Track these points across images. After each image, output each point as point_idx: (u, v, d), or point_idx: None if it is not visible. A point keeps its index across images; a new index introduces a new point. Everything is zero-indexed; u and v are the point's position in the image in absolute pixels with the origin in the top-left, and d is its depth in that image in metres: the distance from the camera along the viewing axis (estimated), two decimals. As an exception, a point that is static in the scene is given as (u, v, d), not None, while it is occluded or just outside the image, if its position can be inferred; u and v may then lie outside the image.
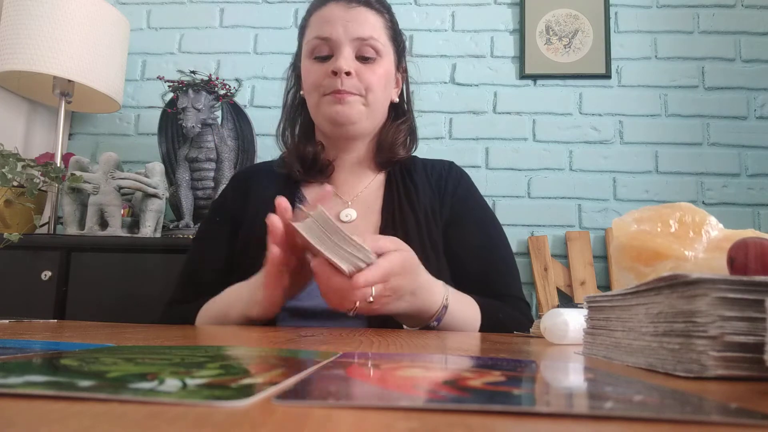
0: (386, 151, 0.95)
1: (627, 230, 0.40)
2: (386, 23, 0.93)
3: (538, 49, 1.88)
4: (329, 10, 0.89)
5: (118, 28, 1.67)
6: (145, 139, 1.91)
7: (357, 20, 0.88)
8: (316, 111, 0.91)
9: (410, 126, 0.99)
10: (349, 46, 0.87)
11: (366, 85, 0.88)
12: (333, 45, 0.88)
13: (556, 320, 0.49)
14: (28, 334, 0.44)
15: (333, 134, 0.93)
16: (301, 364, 0.26)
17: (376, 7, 0.92)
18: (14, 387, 0.17)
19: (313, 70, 0.89)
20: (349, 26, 0.87)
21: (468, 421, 0.15)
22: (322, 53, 0.89)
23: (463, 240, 0.90)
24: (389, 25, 0.94)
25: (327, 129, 0.92)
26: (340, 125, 0.89)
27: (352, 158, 0.96)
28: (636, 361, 0.30)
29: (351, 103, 0.88)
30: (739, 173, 1.79)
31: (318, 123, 0.94)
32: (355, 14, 0.88)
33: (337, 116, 0.88)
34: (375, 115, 0.92)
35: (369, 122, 0.92)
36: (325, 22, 0.88)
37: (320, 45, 0.88)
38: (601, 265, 1.75)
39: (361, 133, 0.93)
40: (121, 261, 1.37)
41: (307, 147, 0.94)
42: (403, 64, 1.00)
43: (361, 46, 0.88)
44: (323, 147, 0.95)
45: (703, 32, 1.86)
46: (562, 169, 1.83)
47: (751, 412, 0.17)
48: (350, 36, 0.87)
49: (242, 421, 0.14)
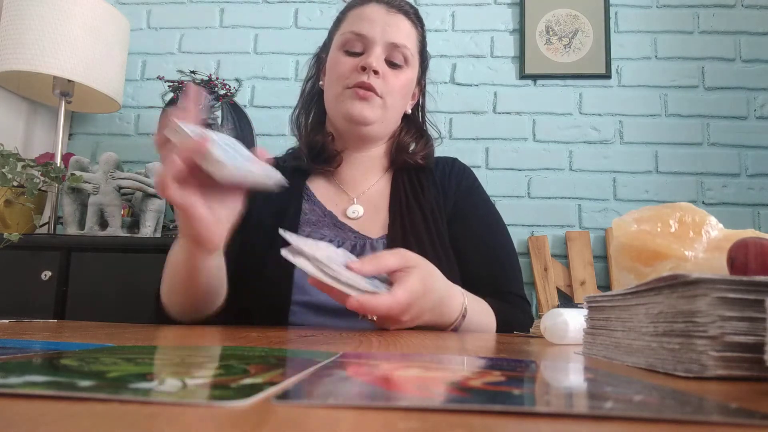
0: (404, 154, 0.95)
1: (627, 230, 0.40)
2: (419, 36, 0.95)
3: (538, 49, 1.88)
4: (370, 9, 0.90)
5: (118, 28, 1.67)
6: (145, 139, 1.91)
7: (395, 26, 0.90)
8: (334, 103, 0.91)
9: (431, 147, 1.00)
10: (381, 47, 0.88)
11: (389, 88, 0.89)
12: (367, 43, 0.89)
13: (556, 320, 0.49)
14: (28, 334, 0.44)
15: (345, 131, 0.93)
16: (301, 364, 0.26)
17: (413, 18, 0.94)
18: (14, 387, 0.17)
19: (341, 62, 0.90)
20: (387, 29, 0.89)
21: (468, 421, 0.15)
22: (354, 48, 0.89)
23: (465, 235, 0.90)
24: (420, 39, 0.96)
25: (340, 124, 0.92)
26: (354, 123, 0.89)
27: (362, 156, 0.96)
28: (636, 361, 0.30)
29: (371, 103, 0.88)
30: (739, 173, 1.79)
31: (332, 116, 0.93)
32: (395, 20, 0.90)
33: (354, 113, 0.88)
34: (389, 119, 0.93)
35: (382, 126, 0.92)
36: (364, 19, 0.90)
37: (354, 40, 0.89)
38: (601, 265, 1.75)
39: (373, 136, 0.93)
40: (121, 261, 1.37)
41: (317, 136, 0.95)
42: (423, 80, 1.01)
43: (392, 51, 0.89)
44: (333, 138, 0.95)
45: (703, 32, 1.86)
46: (562, 169, 1.83)
47: (751, 412, 0.17)
48: (386, 39, 0.88)
49: (242, 421, 0.14)
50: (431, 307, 0.65)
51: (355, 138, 0.93)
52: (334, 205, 0.92)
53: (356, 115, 0.88)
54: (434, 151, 1.01)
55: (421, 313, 0.64)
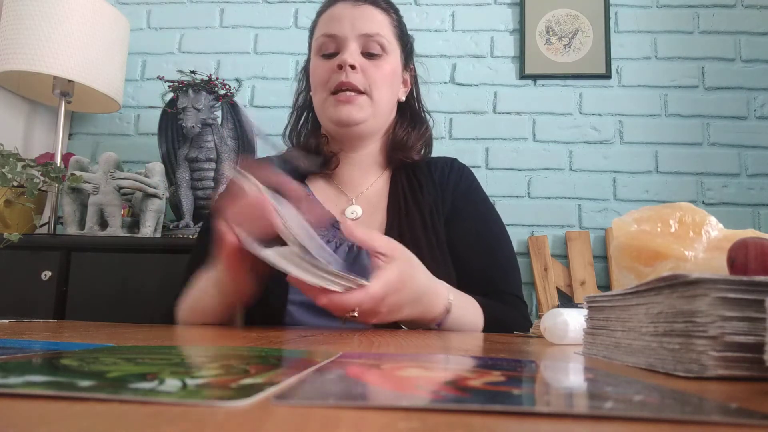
0: (399, 152, 0.95)
1: (627, 230, 0.40)
2: (392, 22, 0.94)
3: (538, 49, 1.88)
4: (338, 9, 0.91)
5: (118, 28, 1.67)
6: (145, 139, 1.91)
7: (363, 17, 0.89)
8: (322, 110, 0.91)
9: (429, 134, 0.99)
10: (355, 41, 0.88)
11: (371, 81, 0.88)
12: (339, 41, 0.89)
13: (556, 320, 0.49)
14: (28, 334, 0.44)
15: (337, 133, 0.93)
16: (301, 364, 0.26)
17: (382, 5, 0.93)
18: (14, 387, 0.17)
19: (319, 66, 0.90)
20: (355, 23, 0.88)
21: (468, 421, 0.15)
22: (328, 50, 0.90)
23: (463, 235, 0.89)
24: (395, 24, 0.94)
25: (331, 129, 0.92)
26: (344, 126, 0.90)
27: (359, 156, 0.96)
28: (636, 361, 0.30)
29: (356, 104, 0.88)
30: (739, 173, 1.79)
31: (323, 123, 0.94)
32: (361, 11, 0.90)
33: (341, 117, 0.88)
34: (380, 112, 0.92)
35: (375, 121, 0.92)
36: (333, 20, 0.90)
37: (327, 42, 0.89)
38: (601, 265, 1.75)
39: (368, 133, 0.93)
40: (121, 261, 1.37)
41: (311, 139, 0.95)
42: (411, 64, 1.00)
43: (367, 42, 0.89)
44: (327, 140, 0.95)
45: (703, 32, 1.86)
46: (562, 169, 1.83)
47: (751, 412, 0.17)
48: (356, 32, 0.88)
49: (242, 421, 0.14)
50: (411, 301, 0.64)
51: (349, 138, 0.93)
52: (333, 206, 0.92)
53: (344, 118, 0.88)
54: (432, 138, 1.00)
55: (400, 307, 0.63)
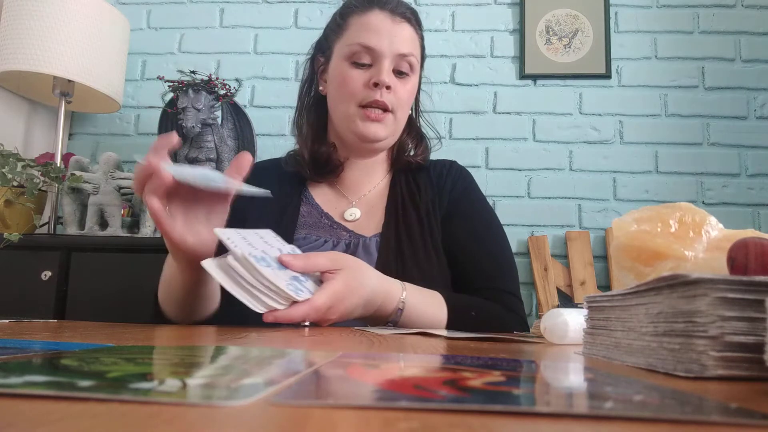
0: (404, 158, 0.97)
1: (627, 230, 0.40)
2: (420, 40, 0.95)
3: (538, 49, 1.88)
4: (375, 18, 0.88)
5: (118, 28, 1.67)
6: (145, 139, 1.91)
7: (401, 36, 0.89)
8: (345, 121, 0.90)
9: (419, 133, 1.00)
10: (390, 60, 0.88)
11: (398, 99, 0.89)
12: (375, 56, 0.87)
13: (556, 320, 0.49)
14: (28, 334, 0.44)
15: (353, 144, 0.92)
16: (300, 363, 0.26)
17: (414, 24, 0.93)
18: (14, 387, 0.17)
19: (351, 77, 0.88)
20: (393, 40, 0.87)
21: (468, 421, 0.15)
22: (361, 60, 0.88)
23: (459, 234, 0.90)
24: (421, 42, 0.95)
25: (350, 140, 0.92)
26: (368, 142, 0.90)
27: (366, 162, 0.97)
28: (636, 361, 0.30)
29: (384, 123, 0.89)
30: (739, 173, 1.79)
31: (341, 131, 0.92)
32: (400, 29, 0.89)
33: (368, 135, 0.88)
34: (399, 129, 0.94)
35: (393, 138, 0.94)
36: (371, 30, 0.88)
37: (362, 52, 0.88)
38: (601, 265, 1.75)
39: (383, 148, 0.95)
40: (121, 261, 1.37)
41: (321, 147, 0.94)
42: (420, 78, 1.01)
43: (400, 61, 0.89)
44: (335, 147, 0.95)
45: (703, 32, 1.86)
46: (562, 169, 1.83)
47: (751, 412, 0.17)
48: (394, 51, 0.87)
49: (242, 421, 0.14)
50: (363, 303, 0.68)
51: (363, 150, 0.94)
52: (333, 208, 0.93)
53: (371, 136, 0.88)
54: (431, 149, 1.01)
55: (351, 310, 0.66)
